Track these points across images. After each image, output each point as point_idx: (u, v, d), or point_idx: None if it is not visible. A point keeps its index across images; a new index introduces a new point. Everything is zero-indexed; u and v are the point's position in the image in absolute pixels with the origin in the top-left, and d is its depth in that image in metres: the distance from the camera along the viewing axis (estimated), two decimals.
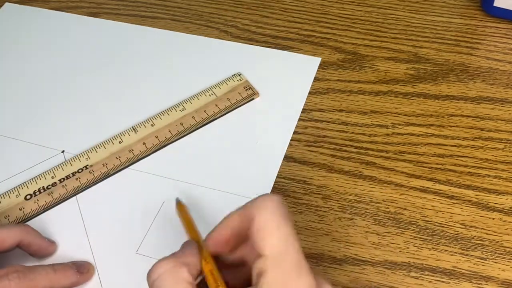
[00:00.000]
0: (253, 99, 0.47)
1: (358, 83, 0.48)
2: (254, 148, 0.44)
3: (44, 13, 0.57)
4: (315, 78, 0.49)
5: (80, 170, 0.43)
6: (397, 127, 0.45)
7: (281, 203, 0.27)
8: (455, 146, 0.43)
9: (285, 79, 0.49)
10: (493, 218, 0.39)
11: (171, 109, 0.46)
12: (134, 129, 0.45)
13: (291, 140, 0.44)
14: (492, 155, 0.42)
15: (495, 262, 0.37)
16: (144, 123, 0.46)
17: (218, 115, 0.46)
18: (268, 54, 0.51)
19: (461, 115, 0.45)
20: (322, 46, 0.51)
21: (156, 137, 0.44)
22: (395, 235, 0.38)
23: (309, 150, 0.44)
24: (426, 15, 0.53)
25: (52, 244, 0.39)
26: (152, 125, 0.45)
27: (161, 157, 0.44)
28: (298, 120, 0.45)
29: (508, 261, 0.37)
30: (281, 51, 0.51)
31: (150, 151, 0.44)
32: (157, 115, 0.46)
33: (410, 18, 0.53)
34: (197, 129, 0.45)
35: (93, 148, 0.44)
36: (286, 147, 0.44)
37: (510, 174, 0.41)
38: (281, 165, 0.43)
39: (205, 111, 0.46)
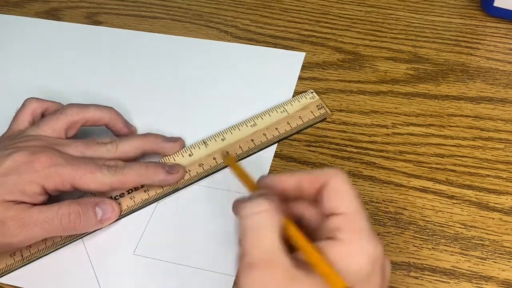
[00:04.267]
0: (325, 118, 0.45)
1: (358, 83, 0.48)
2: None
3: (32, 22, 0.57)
4: (314, 78, 0.49)
5: None
6: (397, 127, 0.45)
7: (347, 176, 0.30)
8: (455, 146, 0.43)
9: (269, 76, 0.49)
10: (493, 218, 0.39)
11: (242, 124, 0.45)
12: (204, 143, 0.44)
13: (291, 140, 0.44)
14: (492, 155, 0.42)
15: (495, 262, 0.37)
16: (215, 136, 0.44)
17: (290, 134, 0.44)
18: (250, 51, 0.51)
19: (461, 115, 0.45)
20: (322, 46, 0.51)
21: (227, 152, 0.43)
22: (395, 235, 0.38)
23: (309, 150, 0.44)
24: (426, 15, 0.53)
25: (129, 128, 0.44)
26: (222, 140, 0.44)
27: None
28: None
29: (508, 261, 0.37)
30: (263, 47, 0.51)
31: (220, 167, 0.42)
32: (228, 130, 0.44)
33: (410, 18, 0.53)
34: (267, 147, 0.44)
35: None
36: (276, 145, 0.44)
37: (510, 174, 0.41)
38: (281, 165, 0.43)
39: (276, 129, 0.44)
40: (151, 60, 0.52)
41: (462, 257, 0.37)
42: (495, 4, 0.50)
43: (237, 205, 0.29)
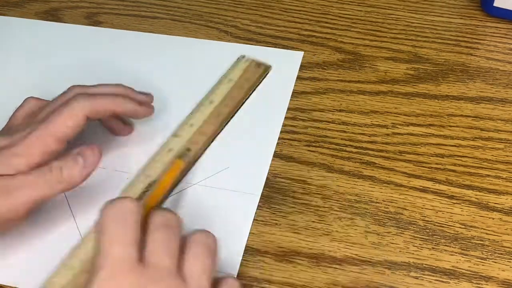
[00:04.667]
0: (268, 72, 0.48)
1: (358, 83, 0.48)
2: (243, 145, 0.44)
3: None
4: (314, 78, 0.49)
5: None
6: (397, 127, 0.45)
7: (122, 207, 0.31)
8: (455, 146, 0.43)
9: (268, 75, 0.49)
10: (493, 218, 0.39)
11: (200, 105, 0.46)
12: (176, 135, 0.44)
13: (291, 140, 0.44)
14: (492, 155, 0.42)
15: (495, 262, 0.37)
16: (183, 125, 0.45)
17: (248, 96, 0.47)
18: (249, 51, 0.51)
19: (461, 115, 0.45)
20: (322, 46, 0.51)
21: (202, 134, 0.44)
22: (395, 235, 0.38)
23: (309, 150, 0.44)
24: (426, 15, 0.53)
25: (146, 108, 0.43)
26: (191, 125, 0.44)
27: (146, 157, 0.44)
28: (297, 120, 0.45)
29: (508, 261, 0.37)
30: (261, 47, 0.51)
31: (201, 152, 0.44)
32: (191, 115, 0.45)
33: (410, 18, 0.53)
34: (234, 114, 0.46)
35: None
36: (275, 144, 0.44)
37: (510, 174, 0.41)
38: (281, 165, 0.43)
39: (233, 97, 0.46)
40: (151, 60, 0.52)
41: (462, 257, 0.37)
42: (495, 4, 0.50)
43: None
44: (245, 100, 0.47)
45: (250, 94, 0.47)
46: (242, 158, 0.43)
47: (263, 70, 0.48)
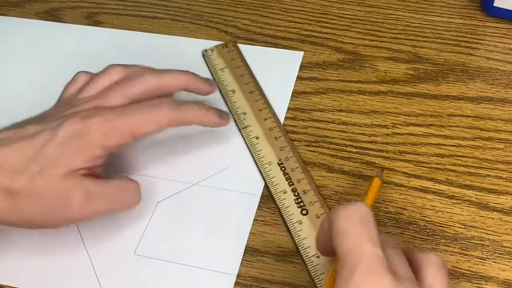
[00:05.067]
0: (235, 42, 0.51)
1: (358, 83, 0.48)
2: (244, 144, 0.44)
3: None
4: (314, 78, 0.49)
5: None
6: (397, 127, 0.45)
7: (358, 210, 0.28)
8: (455, 146, 0.43)
9: (268, 75, 0.49)
10: (493, 218, 0.39)
11: (225, 95, 0.47)
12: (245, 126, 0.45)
13: (291, 140, 0.44)
14: (492, 155, 0.42)
15: (495, 262, 0.37)
16: (238, 115, 0.46)
17: (248, 72, 0.49)
18: (249, 51, 0.51)
19: (461, 115, 0.45)
20: (322, 46, 0.51)
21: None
22: (395, 235, 0.38)
23: (309, 150, 0.44)
24: (426, 15, 0.53)
25: (211, 86, 0.43)
26: (244, 113, 0.46)
27: (153, 157, 0.44)
28: (297, 120, 0.45)
29: (508, 261, 0.37)
30: (261, 47, 0.52)
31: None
32: (232, 103, 0.47)
33: (410, 18, 0.53)
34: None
35: None
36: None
37: (510, 174, 0.41)
38: None
39: (242, 78, 0.48)
40: (151, 60, 0.52)
41: (462, 257, 0.37)
42: (495, 4, 0.50)
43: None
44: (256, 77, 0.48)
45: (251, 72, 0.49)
46: (242, 158, 0.43)
47: (232, 44, 0.51)
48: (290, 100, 0.47)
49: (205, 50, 0.51)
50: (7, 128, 0.37)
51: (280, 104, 0.47)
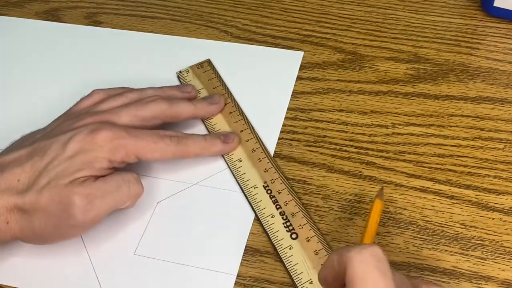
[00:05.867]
0: (210, 62, 0.50)
1: (358, 83, 0.48)
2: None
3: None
4: (314, 78, 0.49)
5: None
6: (397, 127, 0.45)
7: (375, 255, 0.27)
8: (455, 146, 0.43)
9: (268, 75, 0.49)
10: (493, 218, 0.39)
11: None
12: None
13: (291, 140, 0.44)
14: (492, 155, 0.42)
15: (495, 262, 0.37)
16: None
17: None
18: (248, 51, 0.51)
19: (461, 115, 0.45)
20: (322, 46, 0.51)
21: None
22: (395, 235, 0.38)
23: (309, 150, 0.44)
24: (426, 15, 0.53)
25: (218, 105, 0.45)
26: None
27: None
28: (297, 120, 0.46)
29: (508, 261, 0.37)
30: (261, 47, 0.52)
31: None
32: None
33: (410, 18, 0.53)
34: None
35: None
36: (275, 144, 0.44)
37: (510, 174, 0.41)
38: (281, 165, 0.43)
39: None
40: (150, 60, 0.52)
41: (462, 257, 0.37)
42: (495, 4, 0.50)
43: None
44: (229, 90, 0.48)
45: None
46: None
47: (207, 64, 0.50)
48: (290, 100, 0.47)
49: (180, 72, 0.49)
50: (18, 144, 0.39)
51: (280, 104, 0.47)
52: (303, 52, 0.51)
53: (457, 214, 0.39)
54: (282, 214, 0.39)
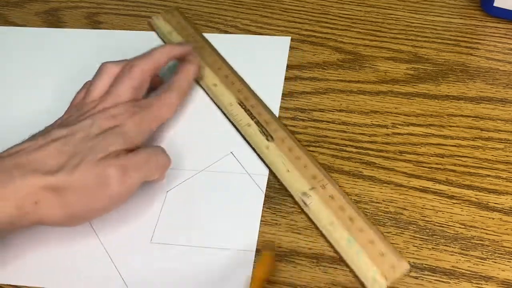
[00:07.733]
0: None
1: (358, 83, 0.48)
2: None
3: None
4: (314, 78, 0.49)
5: None
6: (397, 127, 0.45)
7: None
8: (455, 146, 0.43)
9: (258, 63, 0.50)
10: (493, 218, 0.39)
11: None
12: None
13: None
14: (492, 155, 0.42)
15: (495, 262, 0.37)
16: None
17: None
18: (235, 40, 0.52)
19: (461, 115, 0.45)
20: (322, 46, 0.51)
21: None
22: (395, 235, 0.38)
23: (309, 150, 0.44)
24: (426, 15, 0.53)
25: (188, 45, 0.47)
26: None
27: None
28: (298, 120, 0.46)
29: (508, 261, 0.37)
30: (248, 35, 0.52)
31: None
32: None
33: (410, 18, 0.53)
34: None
35: None
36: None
37: (510, 174, 0.41)
38: None
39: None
40: None
41: (462, 257, 0.37)
42: (495, 4, 0.50)
43: None
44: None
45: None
46: (242, 142, 0.44)
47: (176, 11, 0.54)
48: (290, 100, 0.47)
49: (151, 18, 0.53)
50: (30, 138, 0.38)
51: (274, 91, 0.47)
52: (290, 37, 0.51)
53: (457, 214, 0.39)
54: (257, 123, 0.44)
